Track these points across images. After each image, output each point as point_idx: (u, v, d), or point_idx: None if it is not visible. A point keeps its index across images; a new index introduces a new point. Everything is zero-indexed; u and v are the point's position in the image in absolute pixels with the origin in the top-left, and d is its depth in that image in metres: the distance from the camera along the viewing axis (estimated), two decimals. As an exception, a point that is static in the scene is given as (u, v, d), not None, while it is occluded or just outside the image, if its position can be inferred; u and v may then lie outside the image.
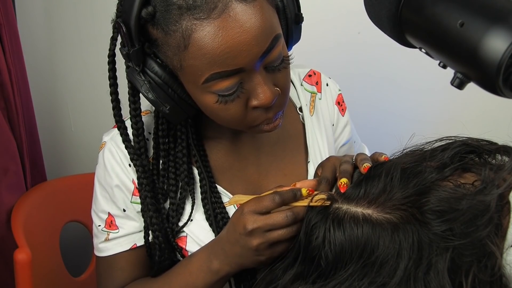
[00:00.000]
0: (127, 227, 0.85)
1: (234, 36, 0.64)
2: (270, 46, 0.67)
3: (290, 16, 0.75)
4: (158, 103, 0.73)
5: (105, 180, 0.84)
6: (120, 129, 0.82)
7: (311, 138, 0.92)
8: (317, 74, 0.96)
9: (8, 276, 1.18)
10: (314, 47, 1.33)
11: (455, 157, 0.60)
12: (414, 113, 1.46)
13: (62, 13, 1.48)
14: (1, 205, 1.17)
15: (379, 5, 0.61)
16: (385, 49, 1.22)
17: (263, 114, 0.73)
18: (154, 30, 0.68)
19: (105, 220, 0.86)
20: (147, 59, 0.71)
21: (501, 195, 0.55)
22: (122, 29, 0.68)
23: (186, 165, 0.83)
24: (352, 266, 0.57)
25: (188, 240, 0.84)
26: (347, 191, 0.63)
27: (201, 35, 0.64)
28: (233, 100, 0.69)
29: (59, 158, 1.61)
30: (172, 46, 0.67)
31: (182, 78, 0.71)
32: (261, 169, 0.89)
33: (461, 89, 0.60)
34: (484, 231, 0.53)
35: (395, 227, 0.57)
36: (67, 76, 1.54)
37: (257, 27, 0.64)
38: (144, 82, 0.72)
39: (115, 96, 0.80)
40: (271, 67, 0.70)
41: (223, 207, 0.84)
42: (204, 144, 0.86)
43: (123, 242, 0.85)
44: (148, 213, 0.82)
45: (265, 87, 0.69)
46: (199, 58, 0.65)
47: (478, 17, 0.50)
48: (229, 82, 0.67)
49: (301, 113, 0.93)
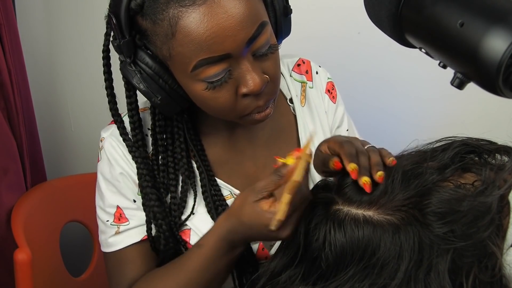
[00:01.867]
0: (137, 218, 0.85)
1: (220, 22, 0.65)
2: (256, 33, 0.68)
3: (278, 8, 0.76)
4: (150, 93, 0.74)
5: (110, 173, 0.85)
6: (117, 123, 0.84)
7: (303, 129, 0.93)
8: (307, 62, 0.97)
9: (8, 276, 1.18)
10: (314, 47, 1.33)
11: (455, 157, 0.60)
12: (414, 113, 1.46)
13: (62, 13, 1.47)
14: (1, 205, 1.17)
15: (379, 5, 0.61)
16: (385, 49, 1.21)
17: (254, 101, 0.73)
18: (143, 21, 0.70)
19: (113, 214, 0.86)
20: (138, 51, 0.73)
21: (502, 195, 0.55)
22: (113, 20, 0.70)
23: (185, 159, 0.84)
24: (353, 268, 0.57)
25: (191, 233, 0.85)
26: (348, 193, 0.62)
27: (187, 22, 0.65)
28: (222, 87, 0.70)
29: (59, 158, 1.60)
30: (161, 35, 0.68)
31: (172, 68, 0.73)
32: (258, 163, 0.90)
33: (461, 89, 0.60)
34: (485, 232, 0.53)
35: (396, 228, 0.56)
36: (67, 76, 1.54)
37: (242, 12, 0.66)
38: (135, 73, 0.73)
39: (110, 91, 0.82)
40: (258, 54, 0.71)
41: (223, 200, 0.85)
42: (202, 139, 0.87)
43: (134, 234, 0.85)
44: (150, 203, 0.82)
45: (253, 73, 0.70)
46: (186, 45, 0.66)
47: (478, 17, 0.50)
48: (216, 68, 0.68)
49: (292, 104, 0.94)
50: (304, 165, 0.66)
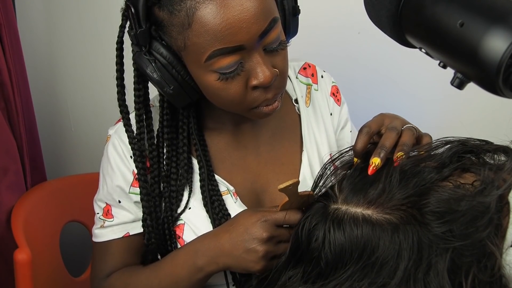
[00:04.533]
0: (121, 217, 0.89)
1: (235, 14, 0.68)
2: (269, 27, 0.71)
3: (288, 8, 0.79)
4: (163, 83, 0.76)
5: (107, 172, 0.89)
6: (122, 113, 0.86)
7: (306, 128, 0.95)
8: (312, 66, 1.00)
9: (8, 276, 1.18)
10: (314, 47, 1.33)
11: (454, 157, 0.60)
12: (414, 113, 1.46)
13: (63, 13, 1.47)
14: (1, 205, 1.17)
15: (379, 5, 0.61)
16: (385, 49, 1.21)
17: (263, 94, 0.76)
18: (160, 12, 0.72)
19: (103, 208, 0.91)
20: (153, 41, 0.75)
21: (501, 195, 0.55)
22: (131, 10, 0.72)
23: (186, 154, 0.87)
24: (352, 267, 0.57)
25: (185, 228, 0.87)
26: (347, 195, 0.62)
27: (204, 13, 0.68)
28: (234, 78, 0.73)
29: (59, 158, 1.60)
30: (177, 26, 0.70)
31: (185, 58, 0.75)
32: (260, 158, 0.92)
33: (461, 89, 0.60)
34: (484, 232, 0.53)
35: (395, 227, 0.57)
36: (67, 76, 1.54)
37: (256, 6, 0.69)
38: (150, 62, 0.76)
39: (121, 81, 0.85)
40: (269, 49, 0.73)
41: (219, 195, 0.87)
42: (205, 135, 0.90)
43: (117, 230, 0.90)
44: (144, 197, 0.86)
45: (264, 67, 0.72)
46: (202, 35, 0.69)
47: (478, 17, 0.50)
48: (230, 59, 0.70)
49: (297, 104, 0.96)
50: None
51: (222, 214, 0.86)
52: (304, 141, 0.94)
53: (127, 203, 0.89)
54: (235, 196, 0.88)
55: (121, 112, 0.86)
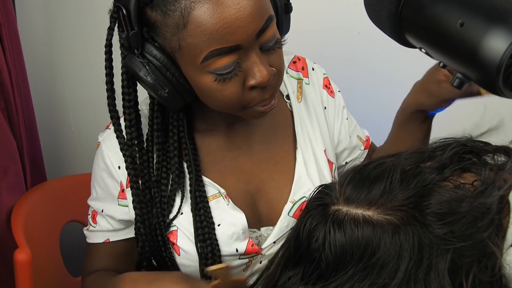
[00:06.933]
0: (102, 224, 0.91)
1: (232, 13, 0.66)
2: (265, 25, 0.70)
3: (280, 5, 0.78)
4: (157, 86, 0.74)
5: (96, 180, 0.91)
6: (113, 119, 0.84)
7: (299, 124, 0.93)
8: (302, 59, 0.98)
9: (8, 276, 1.18)
10: (314, 47, 1.33)
11: (454, 157, 0.60)
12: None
13: (62, 13, 1.47)
14: (1, 205, 1.17)
15: (379, 5, 0.61)
16: (385, 49, 1.21)
17: (260, 94, 0.74)
18: (152, 13, 0.70)
19: (92, 212, 0.93)
20: (145, 43, 0.73)
21: (501, 195, 0.55)
22: (122, 11, 0.70)
23: (177, 158, 0.85)
24: (353, 268, 0.57)
25: (179, 234, 0.86)
26: (348, 196, 0.62)
27: (200, 12, 0.66)
28: (231, 79, 0.71)
29: (59, 158, 1.60)
30: (171, 27, 0.69)
31: (180, 60, 0.73)
32: (253, 158, 0.91)
33: (461, 89, 0.60)
34: (485, 232, 0.53)
35: (396, 228, 0.56)
36: (67, 76, 1.54)
37: (252, 4, 0.68)
38: (143, 65, 0.73)
39: (111, 86, 0.82)
40: (265, 48, 0.72)
41: (206, 201, 0.86)
42: (196, 137, 0.88)
43: (99, 235, 0.92)
44: (133, 204, 0.85)
45: (261, 66, 0.71)
46: (198, 35, 0.67)
47: (478, 17, 0.50)
48: (227, 59, 0.69)
49: (289, 100, 0.94)
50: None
51: (206, 222, 0.84)
52: (297, 138, 0.92)
53: (108, 216, 0.90)
54: (227, 199, 0.87)
55: (111, 117, 0.83)
